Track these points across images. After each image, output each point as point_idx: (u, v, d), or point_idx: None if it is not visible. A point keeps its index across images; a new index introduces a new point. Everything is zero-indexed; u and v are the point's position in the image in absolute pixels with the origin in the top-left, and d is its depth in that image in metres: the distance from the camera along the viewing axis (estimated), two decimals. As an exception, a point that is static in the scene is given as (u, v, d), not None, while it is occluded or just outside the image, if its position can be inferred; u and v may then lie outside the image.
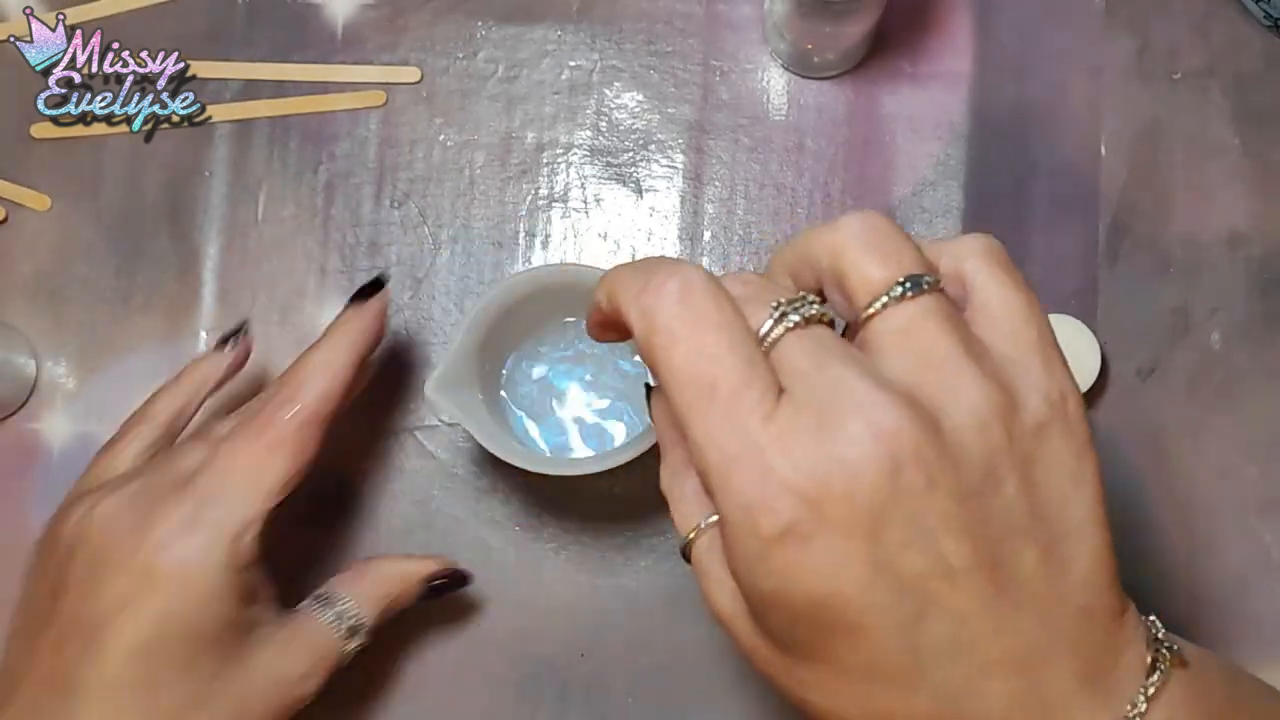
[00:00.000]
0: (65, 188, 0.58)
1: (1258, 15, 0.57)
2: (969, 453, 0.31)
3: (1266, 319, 0.56)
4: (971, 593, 0.31)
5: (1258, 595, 0.54)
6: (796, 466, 0.30)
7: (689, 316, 0.32)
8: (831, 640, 0.32)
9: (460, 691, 0.54)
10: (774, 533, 0.30)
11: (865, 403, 0.30)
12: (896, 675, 0.32)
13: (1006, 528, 0.31)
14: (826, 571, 0.30)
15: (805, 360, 0.32)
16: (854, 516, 0.30)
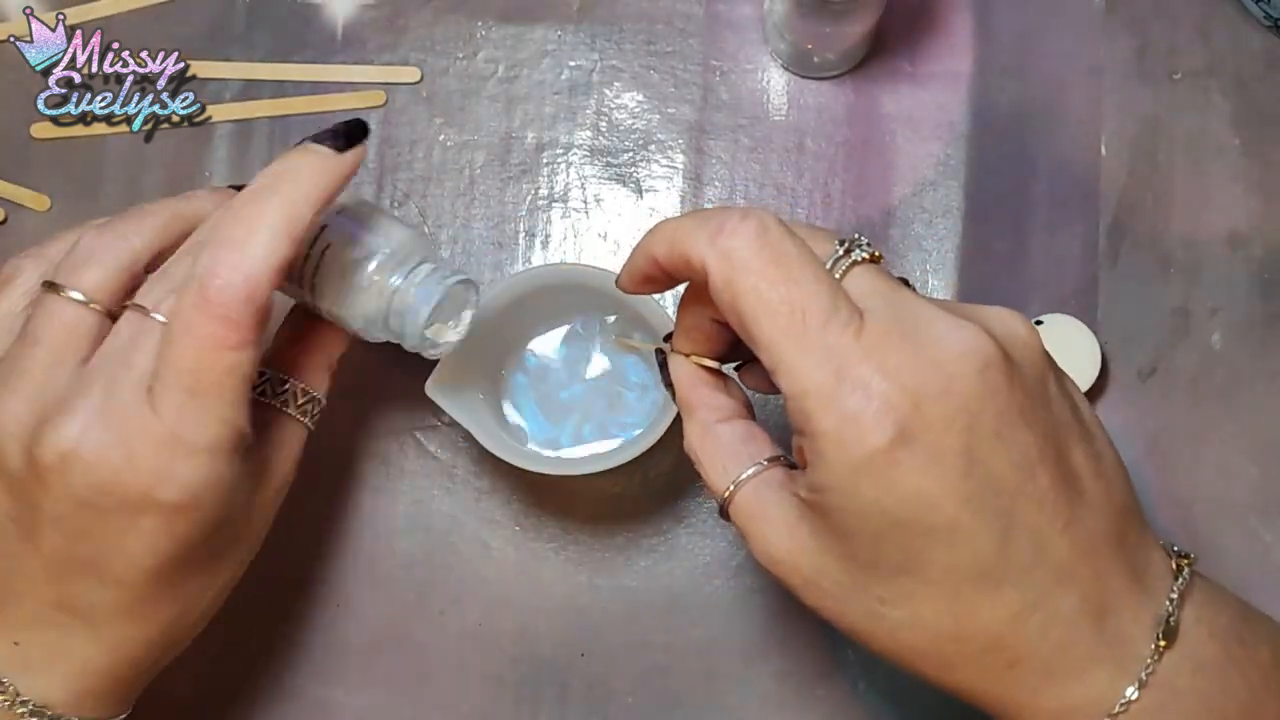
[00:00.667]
0: (65, 188, 0.58)
1: (1258, 15, 0.57)
2: (1024, 360, 0.35)
3: (1266, 319, 0.56)
4: (1045, 486, 0.34)
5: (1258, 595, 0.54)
6: (895, 375, 0.33)
7: (770, 253, 0.34)
8: (925, 543, 0.34)
9: (460, 691, 0.54)
10: (882, 439, 0.33)
11: (941, 319, 0.34)
12: (985, 574, 0.34)
13: (1061, 425, 0.35)
14: (929, 469, 0.33)
15: (880, 286, 0.35)
16: (950, 416, 0.33)
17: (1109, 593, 0.35)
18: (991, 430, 0.33)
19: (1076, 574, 0.35)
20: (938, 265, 0.56)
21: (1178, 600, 0.36)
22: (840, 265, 0.35)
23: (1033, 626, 0.34)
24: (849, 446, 0.33)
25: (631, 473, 0.54)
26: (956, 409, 0.33)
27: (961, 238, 0.56)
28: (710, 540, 0.55)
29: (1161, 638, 0.35)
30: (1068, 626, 0.35)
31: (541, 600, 0.55)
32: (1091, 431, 0.37)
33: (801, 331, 0.34)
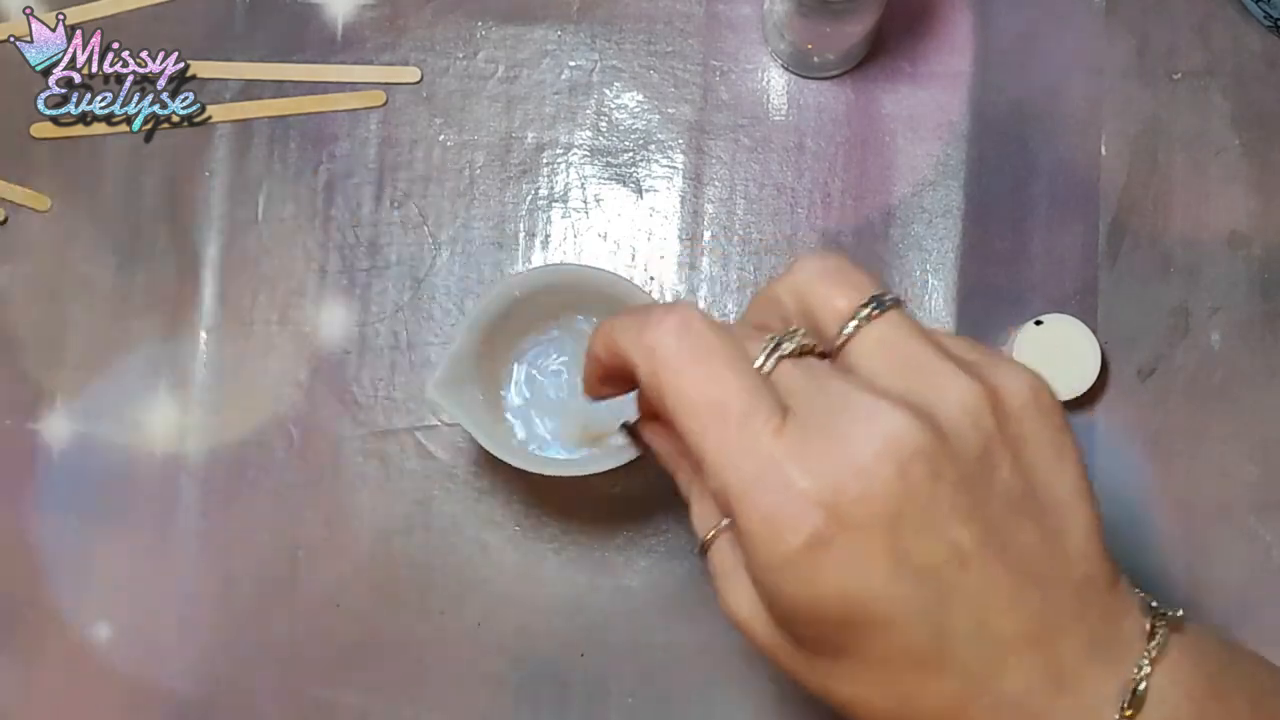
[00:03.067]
0: (65, 188, 0.58)
1: (1258, 16, 0.57)
2: (965, 442, 0.33)
3: (1266, 319, 0.56)
4: (984, 574, 0.33)
5: (1258, 595, 0.54)
6: (813, 476, 0.32)
7: (692, 347, 0.34)
8: (858, 636, 0.33)
9: (460, 691, 0.54)
10: (798, 542, 0.32)
11: (867, 410, 0.32)
12: (922, 662, 0.33)
13: (1006, 508, 0.33)
14: (850, 571, 0.32)
15: (804, 381, 0.34)
16: (871, 516, 0.32)
17: (1066, 667, 0.34)
18: (916, 527, 0.32)
19: (1024, 655, 0.34)
20: (938, 265, 0.56)
21: (1149, 667, 0.34)
22: (770, 360, 0.34)
23: (980, 708, 0.34)
24: (769, 546, 0.33)
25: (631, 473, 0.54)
26: (876, 510, 0.32)
27: (961, 238, 0.56)
28: (710, 540, 0.55)
29: (1127, 706, 0.34)
30: (1018, 707, 0.34)
31: (541, 600, 0.55)
32: (1050, 506, 0.34)
33: (722, 430, 0.33)
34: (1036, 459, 0.34)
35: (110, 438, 0.56)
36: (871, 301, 0.35)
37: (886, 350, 0.34)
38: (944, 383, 0.33)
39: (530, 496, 0.55)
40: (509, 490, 0.55)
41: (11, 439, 0.56)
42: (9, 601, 0.55)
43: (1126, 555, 0.54)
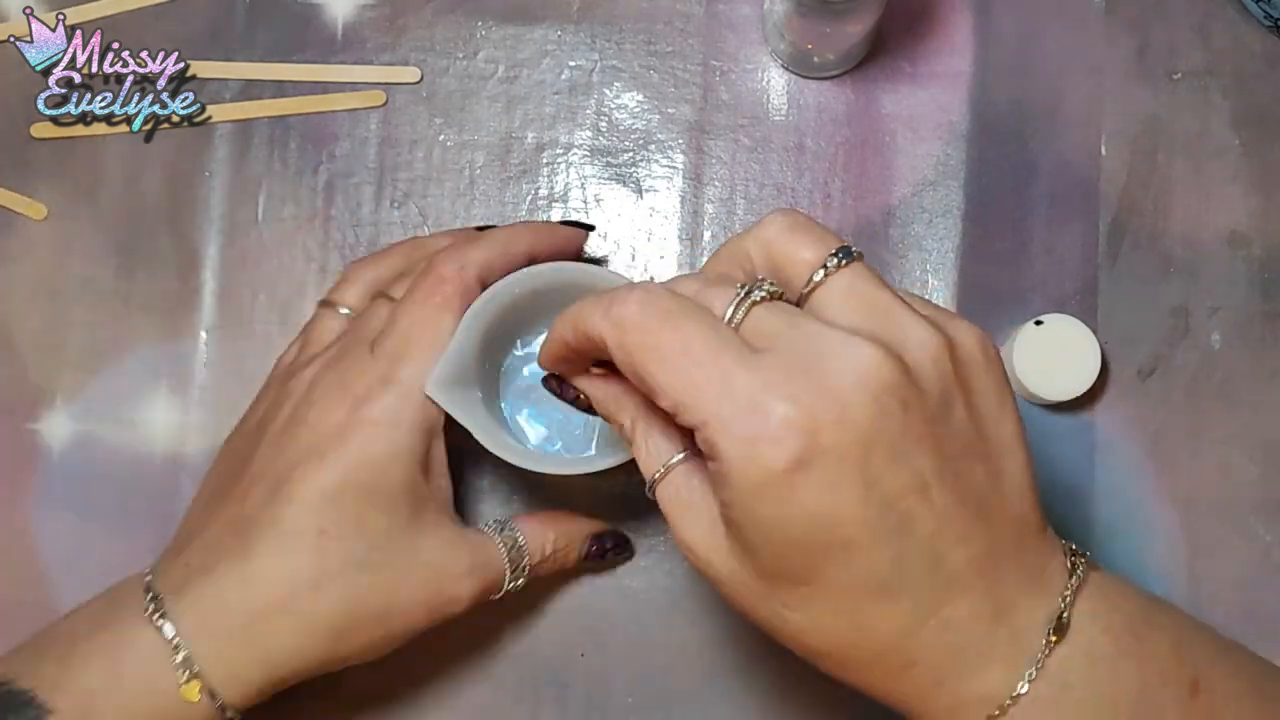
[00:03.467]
0: (65, 188, 0.58)
1: (1258, 16, 0.57)
2: (929, 380, 0.36)
3: (1266, 319, 0.56)
4: (941, 505, 0.35)
5: (1258, 595, 0.54)
6: (792, 403, 0.34)
7: (656, 311, 0.36)
8: (823, 560, 0.35)
9: (460, 691, 0.54)
10: (779, 462, 0.34)
11: (840, 345, 0.35)
12: (880, 587, 0.36)
13: (961, 445, 0.36)
14: (825, 494, 0.34)
15: (778, 322, 0.36)
16: (847, 441, 0.34)
17: (1004, 597, 0.37)
18: (887, 454, 0.34)
19: (971, 583, 0.36)
20: (938, 265, 0.56)
21: (1071, 597, 0.38)
22: (740, 309, 0.36)
23: (927, 632, 0.36)
24: (749, 469, 0.34)
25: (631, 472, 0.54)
26: (852, 435, 0.34)
27: (961, 238, 0.56)
28: (710, 540, 0.55)
29: (1053, 633, 0.37)
30: (961, 631, 0.37)
31: (541, 600, 0.55)
32: (994, 449, 0.37)
33: (695, 369, 0.35)
34: (983, 405, 0.37)
35: (110, 438, 0.56)
36: (838, 252, 0.37)
37: (853, 296, 0.37)
38: (908, 326, 0.36)
39: (530, 496, 0.55)
40: (509, 490, 0.55)
41: (11, 439, 0.56)
42: (9, 601, 0.55)
43: (1126, 555, 0.55)
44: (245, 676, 0.45)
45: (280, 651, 0.45)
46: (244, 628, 0.45)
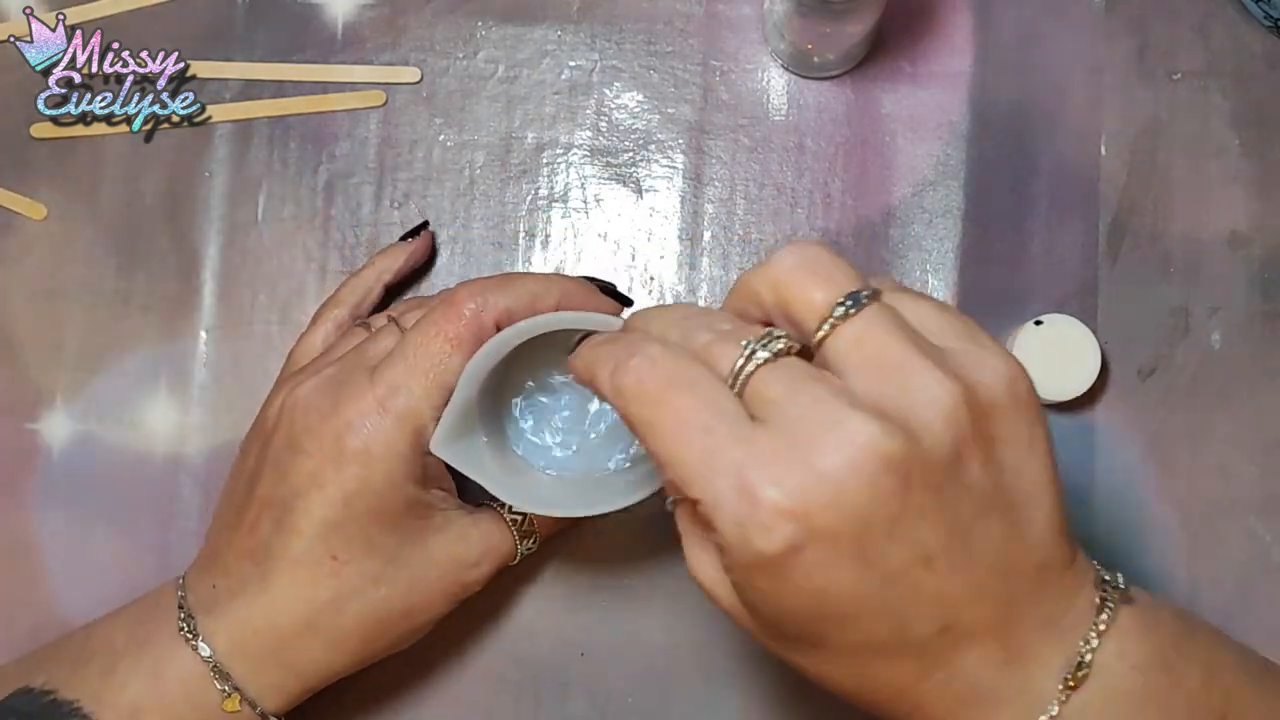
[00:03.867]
0: (65, 188, 0.58)
1: (1258, 16, 0.57)
2: (938, 444, 0.34)
3: (1266, 319, 0.56)
4: (948, 573, 0.34)
5: (1258, 595, 0.54)
6: (782, 487, 0.33)
7: (657, 383, 0.35)
8: (823, 628, 0.35)
9: (460, 692, 0.54)
10: (770, 548, 0.33)
11: (837, 420, 0.33)
12: (885, 649, 0.35)
13: (975, 505, 0.34)
14: (819, 575, 0.34)
15: (779, 390, 0.34)
16: (839, 524, 0.33)
17: (1018, 644, 0.36)
18: (884, 533, 0.33)
19: (980, 637, 0.36)
20: (938, 265, 0.56)
21: (1097, 640, 0.36)
22: (745, 369, 0.35)
23: (934, 683, 0.36)
24: (743, 551, 0.34)
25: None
26: (846, 517, 0.33)
27: (961, 238, 0.56)
28: (710, 540, 0.55)
29: (1070, 678, 0.36)
30: (969, 681, 0.36)
31: (542, 600, 0.55)
32: (1020, 498, 0.35)
33: (692, 448, 0.34)
34: (1007, 453, 0.35)
35: (110, 438, 0.56)
36: (848, 298, 0.35)
37: (861, 350, 0.35)
38: (919, 384, 0.34)
39: (530, 496, 0.55)
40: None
41: (11, 439, 0.56)
42: (9, 601, 0.55)
43: (1126, 555, 0.54)
44: (282, 688, 0.47)
45: (312, 665, 0.47)
46: (273, 647, 0.46)
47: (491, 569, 0.49)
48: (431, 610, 0.48)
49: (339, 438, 0.46)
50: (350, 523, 0.46)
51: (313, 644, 0.47)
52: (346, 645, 0.47)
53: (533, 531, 0.51)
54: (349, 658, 0.48)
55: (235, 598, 0.46)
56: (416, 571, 0.47)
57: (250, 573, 0.47)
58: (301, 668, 0.47)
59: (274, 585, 0.46)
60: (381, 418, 0.46)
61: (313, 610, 0.46)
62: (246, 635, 0.46)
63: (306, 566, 0.46)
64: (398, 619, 0.47)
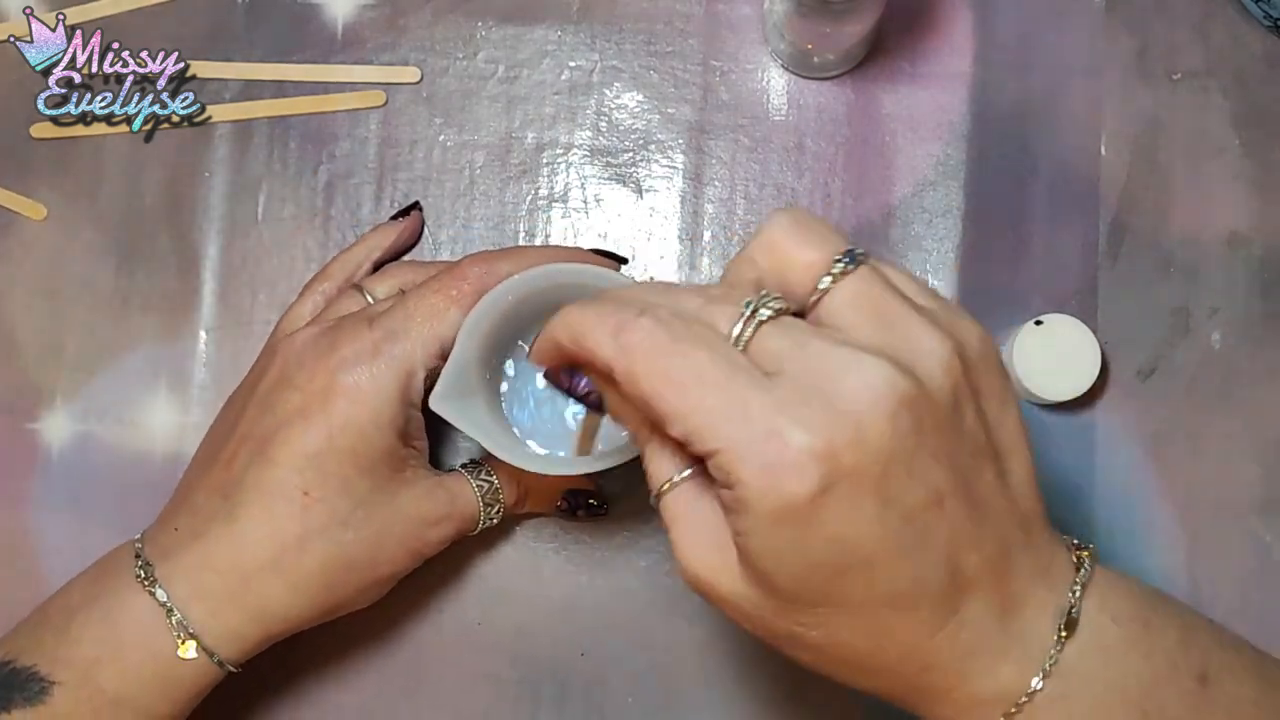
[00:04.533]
0: (65, 188, 0.58)
1: (1258, 15, 0.57)
2: (941, 390, 0.35)
3: (1266, 319, 0.56)
4: (956, 513, 0.36)
5: (1258, 595, 0.54)
6: (808, 429, 0.33)
7: (667, 337, 0.35)
8: (843, 579, 0.35)
9: (460, 691, 0.54)
10: (803, 489, 0.34)
11: (852, 365, 0.34)
12: (899, 599, 0.36)
13: (972, 450, 0.36)
14: (846, 515, 0.34)
15: (786, 343, 0.35)
16: (866, 462, 0.34)
17: (1015, 594, 0.37)
18: (904, 471, 0.34)
19: (984, 584, 0.37)
20: (938, 265, 0.56)
21: (1080, 591, 0.38)
22: (747, 329, 0.35)
23: (943, 636, 0.37)
24: (769, 497, 0.34)
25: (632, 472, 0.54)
26: (871, 456, 0.34)
27: (961, 238, 0.56)
28: (710, 540, 0.55)
29: (1064, 628, 0.37)
30: (975, 630, 0.37)
31: (541, 600, 0.55)
32: (1002, 450, 0.37)
33: (708, 396, 0.35)
34: (988, 407, 0.37)
35: (110, 438, 0.56)
36: (845, 255, 0.36)
37: (860, 306, 0.36)
38: (918, 335, 0.36)
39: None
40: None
41: (11, 439, 0.56)
42: (9, 601, 0.55)
43: (1127, 555, 0.54)
44: (240, 633, 0.47)
45: (272, 607, 0.47)
46: (234, 588, 0.46)
47: (453, 531, 0.50)
48: (393, 564, 0.49)
49: (332, 373, 0.47)
50: (328, 458, 0.46)
51: (274, 584, 0.47)
52: (308, 588, 0.47)
53: (497, 501, 0.51)
54: (309, 603, 0.47)
55: (198, 538, 0.47)
56: (383, 521, 0.48)
57: (218, 507, 0.47)
58: (261, 610, 0.47)
59: (241, 518, 0.46)
60: (375, 359, 0.47)
61: (278, 547, 0.46)
62: (206, 576, 0.46)
63: (278, 499, 0.46)
64: (361, 567, 0.48)
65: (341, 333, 0.48)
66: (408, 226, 0.56)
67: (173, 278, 0.57)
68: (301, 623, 0.48)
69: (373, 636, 0.54)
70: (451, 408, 0.47)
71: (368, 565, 0.48)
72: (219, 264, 0.57)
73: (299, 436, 0.47)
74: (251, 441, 0.47)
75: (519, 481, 0.52)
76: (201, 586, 0.46)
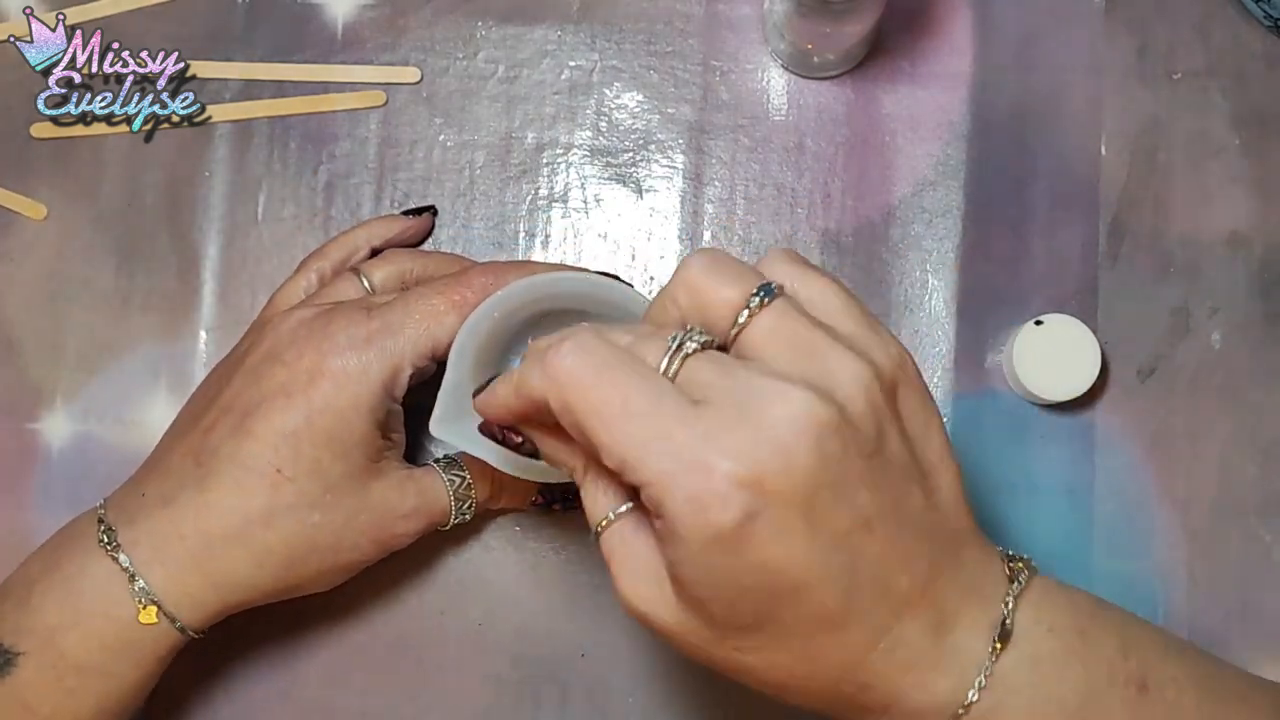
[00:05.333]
0: (65, 188, 0.58)
1: (1258, 15, 0.57)
2: (862, 415, 0.36)
3: (1266, 319, 0.56)
4: (884, 536, 0.36)
5: (1258, 595, 0.54)
6: (733, 457, 0.34)
7: (592, 366, 0.36)
8: (774, 605, 0.36)
9: (461, 692, 0.54)
10: (728, 518, 0.34)
11: (774, 393, 0.35)
12: (831, 622, 0.36)
13: (898, 472, 0.37)
14: (773, 541, 0.35)
15: (712, 374, 0.36)
16: (791, 488, 0.35)
17: (947, 610, 0.38)
18: (830, 496, 0.35)
19: (915, 603, 0.37)
20: (938, 265, 0.56)
21: (1013, 603, 0.38)
22: (674, 361, 0.36)
23: (878, 654, 0.37)
24: (698, 526, 0.35)
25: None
26: (797, 481, 0.34)
27: (961, 238, 0.56)
28: (710, 540, 0.55)
29: (997, 640, 0.38)
30: (909, 647, 0.37)
31: (541, 600, 0.55)
32: (928, 468, 0.38)
33: (635, 426, 0.35)
34: (910, 428, 0.38)
35: (110, 438, 0.56)
36: (760, 290, 0.37)
37: (778, 337, 0.37)
38: (836, 364, 0.36)
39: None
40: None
41: (11, 439, 0.56)
42: (9, 601, 0.55)
43: (1127, 555, 0.54)
44: (200, 600, 0.47)
45: (232, 577, 0.47)
46: (197, 555, 0.47)
47: (422, 525, 0.50)
48: (357, 551, 0.49)
49: (321, 355, 0.47)
50: (305, 438, 0.47)
51: (237, 555, 0.47)
52: (269, 564, 0.47)
53: (469, 497, 0.51)
54: (269, 578, 0.48)
55: (166, 504, 0.47)
56: (350, 508, 0.48)
57: (190, 474, 0.47)
58: (222, 579, 0.47)
59: (212, 487, 0.47)
60: (366, 348, 0.47)
61: (244, 520, 0.47)
62: (170, 541, 0.46)
63: (250, 473, 0.47)
64: (324, 550, 0.48)
65: (337, 317, 0.48)
66: (415, 224, 0.56)
67: (173, 278, 0.57)
68: (261, 595, 0.48)
69: (374, 637, 0.54)
70: (450, 430, 0.46)
71: (330, 549, 0.48)
72: (219, 264, 0.57)
73: (279, 413, 0.47)
74: (233, 412, 0.47)
75: (493, 478, 0.52)
76: (164, 552, 0.46)
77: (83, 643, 0.46)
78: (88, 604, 0.46)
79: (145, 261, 0.57)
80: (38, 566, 0.48)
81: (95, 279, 0.57)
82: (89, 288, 0.57)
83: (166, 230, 0.57)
